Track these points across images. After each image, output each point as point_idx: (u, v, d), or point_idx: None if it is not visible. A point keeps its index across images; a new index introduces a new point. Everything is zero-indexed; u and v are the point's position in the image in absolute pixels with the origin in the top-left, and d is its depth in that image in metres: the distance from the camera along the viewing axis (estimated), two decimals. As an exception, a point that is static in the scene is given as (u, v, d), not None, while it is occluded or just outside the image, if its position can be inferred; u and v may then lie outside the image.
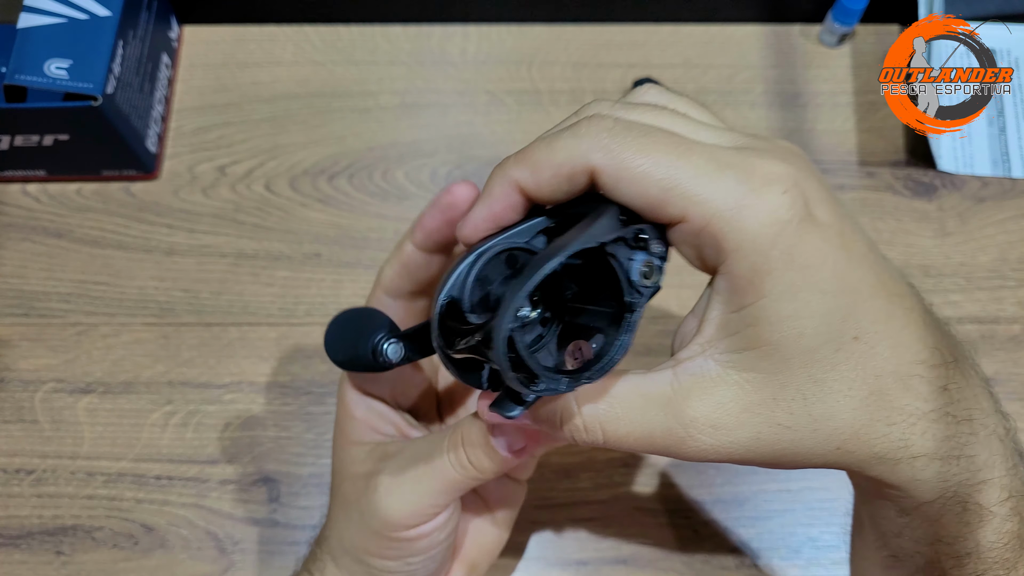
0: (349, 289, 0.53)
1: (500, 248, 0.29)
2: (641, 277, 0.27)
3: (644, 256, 0.27)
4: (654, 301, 0.52)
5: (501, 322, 0.26)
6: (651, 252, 0.27)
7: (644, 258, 0.27)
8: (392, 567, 0.34)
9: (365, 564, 0.34)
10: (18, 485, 0.49)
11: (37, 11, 0.51)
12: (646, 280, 0.27)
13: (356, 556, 0.35)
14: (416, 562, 0.34)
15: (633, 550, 0.47)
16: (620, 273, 0.27)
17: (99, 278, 0.54)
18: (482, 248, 0.29)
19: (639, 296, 0.27)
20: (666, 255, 0.28)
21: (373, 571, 0.35)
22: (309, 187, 0.56)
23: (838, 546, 0.47)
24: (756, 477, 0.49)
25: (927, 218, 0.55)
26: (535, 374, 0.27)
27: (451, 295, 0.28)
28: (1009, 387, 0.50)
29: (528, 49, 0.60)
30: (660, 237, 0.28)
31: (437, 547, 0.34)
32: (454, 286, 0.29)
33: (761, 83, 0.59)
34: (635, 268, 0.27)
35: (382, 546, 0.34)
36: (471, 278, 0.29)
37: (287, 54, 0.60)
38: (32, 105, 0.50)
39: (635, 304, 0.27)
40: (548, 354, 0.30)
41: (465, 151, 0.57)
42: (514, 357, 0.26)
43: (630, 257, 0.27)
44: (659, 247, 0.28)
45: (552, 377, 0.27)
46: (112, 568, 0.47)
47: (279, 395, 0.51)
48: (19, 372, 0.51)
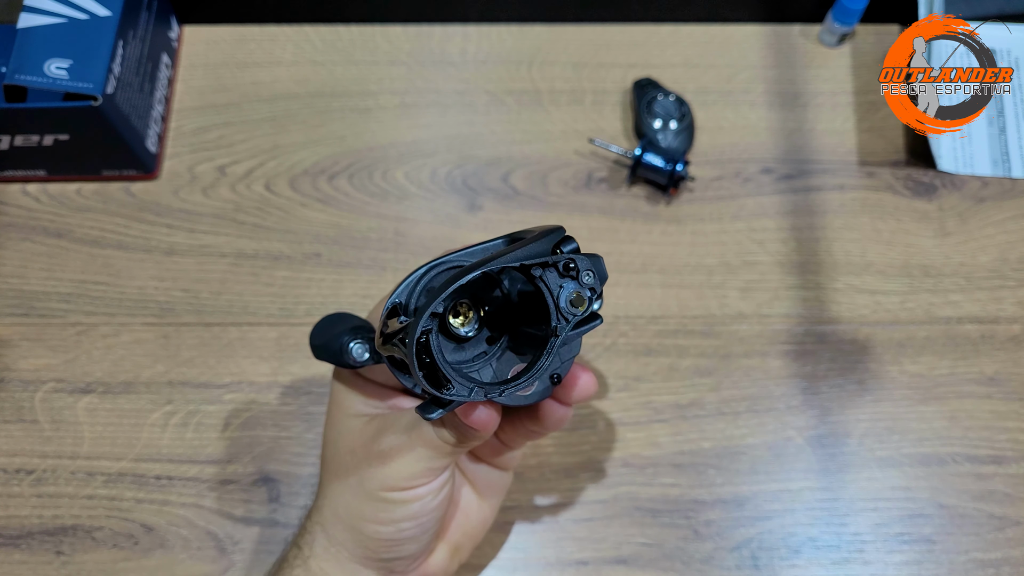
0: (349, 289, 0.53)
1: (452, 264, 0.32)
2: (568, 304, 0.30)
3: (574, 285, 0.30)
4: (654, 300, 0.53)
5: (414, 323, 0.28)
6: (582, 283, 0.30)
7: (574, 287, 0.30)
8: (384, 532, 0.36)
9: (357, 531, 0.36)
10: (18, 485, 0.49)
11: (37, 11, 0.51)
12: (574, 308, 0.30)
13: (349, 523, 0.36)
14: (407, 528, 0.36)
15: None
16: (548, 297, 0.30)
17: (99, 278, 0.54)
18: (435, 261, 0.32)
19: (564, 323, 0.30)
20: (597, 289, 0.30)
21: (364, 538, 0.36)
22: (309, 187, 0.56)
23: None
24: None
25: (927, 218, 0.55)
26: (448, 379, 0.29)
27: (397, 300, 0.31)
28: (1009, 387, 0.51)
29: (528, 49, 0.60)
30: (595, 271, 0.30)
31: (428, 515, 0.36)
32: (402, 292, 0.32)
33: (761, 83, 0.59)
34: (563, 295, 0.30)
35: (378, 509, 0.35)
36: (419, 287, 0.32)
37: (287, 54, 0.60)
38: (32, 105, 0.50)
39: (559, 329, 0.30)
40: (490, 369, 0.32)
41: (465, 151, 0.57)
42: (429, 361, 0.29)
43: (561, 284, 0.30)
44: (591, 279, 0.30)
45: (463, 384, 0.30)
46: (112, 568, 0.47)
47: (279, 395, 0.51)
48: (19, 372, 0.51)
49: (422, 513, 0.36)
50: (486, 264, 0.29)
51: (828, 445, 0.49)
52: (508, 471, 0.42)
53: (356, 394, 0.38)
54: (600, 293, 0.31)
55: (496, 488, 0.42)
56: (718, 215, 0.55)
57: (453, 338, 0.32)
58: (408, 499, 0.35)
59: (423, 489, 0.35)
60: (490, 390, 0.30)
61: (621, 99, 0.59)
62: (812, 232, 0.55)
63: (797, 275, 0.54)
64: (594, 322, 0.32)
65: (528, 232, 0.32)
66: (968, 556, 0.47)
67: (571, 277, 0.30)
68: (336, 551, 0.37)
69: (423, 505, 0.35)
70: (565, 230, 0.31)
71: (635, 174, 0.55)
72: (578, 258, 0.30)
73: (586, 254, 0.31)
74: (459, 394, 0.30)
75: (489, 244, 0.33)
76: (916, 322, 0.52)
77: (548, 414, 0.36)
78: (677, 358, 0.51)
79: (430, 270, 0.32)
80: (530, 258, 0.29)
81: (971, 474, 0.49)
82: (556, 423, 0.36)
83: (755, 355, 0.51)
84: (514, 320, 0.33)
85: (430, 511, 0.36)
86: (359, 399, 0.37)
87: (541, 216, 0.55)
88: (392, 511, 0.35)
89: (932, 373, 0.51)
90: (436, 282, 0.32)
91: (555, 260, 0.29)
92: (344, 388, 0.38)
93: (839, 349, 0.52)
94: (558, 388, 0.35)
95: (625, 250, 0.54)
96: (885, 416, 0.50)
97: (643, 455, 0.49)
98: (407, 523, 0.36)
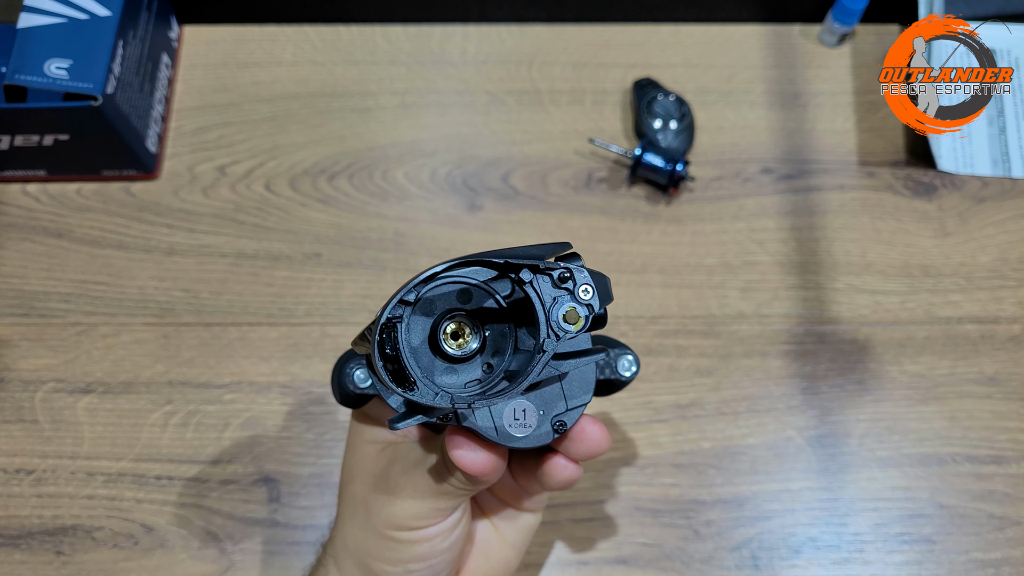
0: (349, 289, 0.53)
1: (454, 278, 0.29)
2: (560, 319, 0.27)
3: (570, 300, 0.27)
4: (654, 300, 0.53)
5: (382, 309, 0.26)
6: (579, 298, 0.27)
7: (570, 303, 0.27)
8: (391, 572, 0.34)
9: (366, 568, 0.34)
10: (18, 485, 0.49)
11: (37, 11, 0.51)
12: (566, 324, 0.27)
13: (359, 558, 0.34)
14: (416, 569, 0.34)
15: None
16: (538, 308, 0.27)
17: (99, 278, 0.54)
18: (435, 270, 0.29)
19: (554, 339, 0.27)
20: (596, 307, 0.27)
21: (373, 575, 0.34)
22: (309, 187, 0.56)
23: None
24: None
25: (927, 218, 0.55)
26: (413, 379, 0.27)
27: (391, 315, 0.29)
28: (1009, 387, 0.50)
29: (528, 49, 0.60)
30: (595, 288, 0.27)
31: (438, 556, 0.34)
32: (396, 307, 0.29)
33: (761, 83, 0.59)
34: (556, 309, 0.27)
35: (384, 548, 0.34)
36: None
37: (287, 54, 0.60)
38: (32, 105, 0.50)
39: (547, 344, 0.27)
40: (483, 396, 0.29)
41: (465, 151, 0.57)
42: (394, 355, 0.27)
43: (555, 297, 0.27)
44: (590, 296, 0.27)
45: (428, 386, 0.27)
46: (112, 568, 0.47)
47: (279, 395, 0.51)
48: (19, 372, 0.51)
49: (431, 555, 0.34)
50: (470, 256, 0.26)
51: (828, 445, 0.49)
52: (535, 513, 0.39)
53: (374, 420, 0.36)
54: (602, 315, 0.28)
55: (519, 529, 0.39)
56: (718, 215, 0.55)
57: (445, 357, 0.29)
58: (416, 539, 0.33)
59: (432, 530, 0.33)
60: (458, 399, 0.27)
61: (621, 99, 0.59)
62: (812, 232, 0.55)
63: (797, 275, 0.54)
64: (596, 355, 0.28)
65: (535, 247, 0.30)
66: (968, 556, 0.47)
67: (567, 290, 0.27)
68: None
69: (432, 547, 0.33)
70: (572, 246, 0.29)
71: (635, 174, 0.55)
72: (576, 269, 0.27)
73: (590, 270, 0.28)
74: (423, 396, 0.27)
75: None
76: (916, 322, 0.52)
77: (552, 473, 0.32)
78: (677, 358, 0.51)
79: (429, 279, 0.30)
80: (521, 258, 0.27)
81: (971, 474, 0.49)
82: (559, 481, 0.33)
83: (755, 355, 0.51)
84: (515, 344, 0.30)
85: (440, 553, 0.34)
86: (377, 425, 0.36)
87: (541, 216, 0.55)
88: (399, 551, 0.33)
89: (932, 373, 0.51)
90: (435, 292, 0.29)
91: (549, 266, 0.27)
92: (363, 412, 0.36)
93: (839, 349, 0.52)
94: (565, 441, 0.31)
95: (625, 250, 0.54)
96: (885, 416, 0.50)
97: (643, 455, 0.49)
98: (415, 564, 0.34)
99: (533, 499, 0.38)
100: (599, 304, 0.27)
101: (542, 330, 0.27)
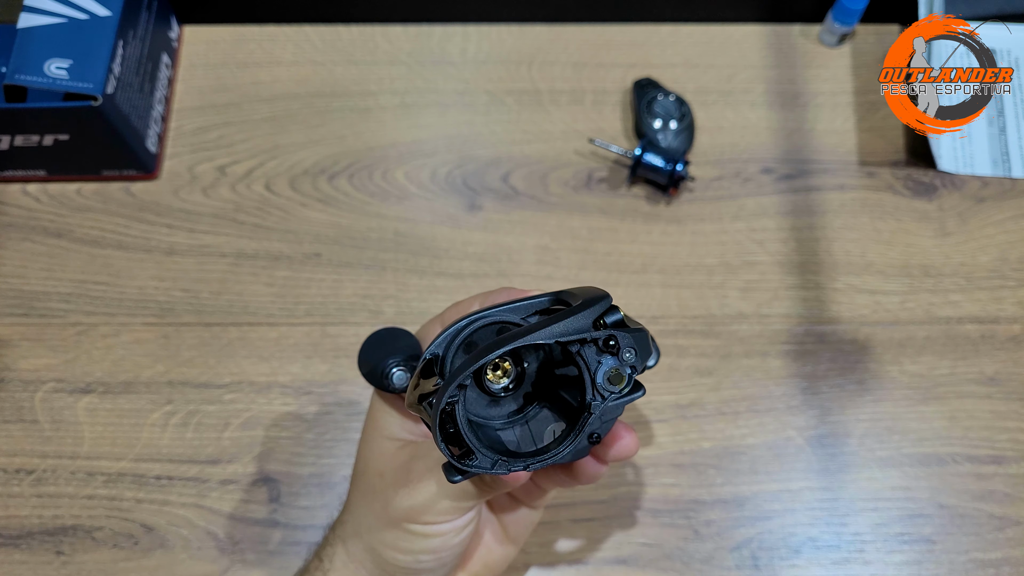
0: (349, 289, 0.53)
1: (493, 319, 0.31)
2: (606, 380, 0.28)
3: (613, 362, 0.29)
4: (654, 300, 0.53)
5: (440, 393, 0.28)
6: (622, 359, 0.29)
7: (612, 363, 0.29)
8: (401, 560, 0.35)
9: (376, 553, 0.35)
10: (18, 485, 0.49)
11: (37, 11, 0.51)
12: (611, 385, 0.29)
13: (369, 544, 0.36)
14: (425, 560, 0.35)
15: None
16: (584, 373, 0.28)
17: (99, 278, 0.54)
18: (477, 315, 0.31)
19: (600, 400, 0.29)
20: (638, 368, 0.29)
21: (382, 561, 0.36)
22: (309, 187, 0.56)
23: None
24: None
25: (927, 218, 0.55)
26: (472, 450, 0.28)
27: (435, 352, 0.30)
28: (1009, 387, 0.50)
29: (528, 49, 0.60)
30: (637, 348, 0.29)
31: (448, 550, 0.35)
32: (440, 344, 0.30)
33: (761, 83, 0.59)
34: (601, 371, 0.28)
35: (398, 538, 0.35)
36: (458, 340, 0.31)
37: (287, 54, 0.60)
38: (32, 105, 0.50)
39: (594, 407, 0.29)
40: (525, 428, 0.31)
41: (465, 151, 0.57)
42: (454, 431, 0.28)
43: (599, 360, 0.28)
44: (631, 357, 0.29)
45: (487, 455, 0.29)
46: (112, 568, 0.47)
47: (279, 395, 0.51)
48: (19, 372, 0.51)
49: (442, 548, 0.35)
50: (520, 338, 0.28)
51: (828, 445, 0.49)
52: (537, 509, 0.40)
53: (395, 416, 0.37)
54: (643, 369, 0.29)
55: (522, 525, 0.40)
56: (718, 215, 0.55)
57: (488, 393, 0.31)
58: (430, 533, 0.34)
59: (446, 526, 0.34)
60: (513, 464, 0.29)
61: (621, 99, 0.59)
62: (812, 232, 0.55)
63: (797, 275, 0.54)
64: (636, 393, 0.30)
65: (575, 295, 0.31)
66: (968, 556, 0.47)
67: (611, 353, 0.28)
68: (355, 568, 0.36)
69: (444, 541, 0.35)
70: (611, 299, 0.30)
71: (635, 174, 0.55)
72: (620, 334, 0.28)
73: (630, 328, 0.29)
74: (481, 465, 0.29)
75: (535, 301, 0.31)
76: (916, 322, 0.52)
77: (582, 470, 0.35)
78: (677, 358, 0.51)
79: (471, 323, 0.31)
80: (569, 334, 0.28)
81: (971, 474, 0.49)
82: (589, 478, 0.35)
83: (755, 355, 0.51)
84: (554, 380, 0.32)
85: (450, 547, 0.35)
86: (397, 421, 0.37)
87: (541, 216, 0.55)
88: (412, 542, 0.35)
89: (932, 373, 0.51)
90: (476, 337, 0.31)
91: (595, 336, 0.28)
92: (383, 407, 0.37)
93: (839, 349, 0.52)
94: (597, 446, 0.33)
95: (625, 250, 0.54)
96: (885, 416, 0.50)
97: (643, 455, 0.49)
98: (425, 556, 0.35)
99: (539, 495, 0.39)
100: (641, 364, 0.29)
101: (588, 393, 0.29)
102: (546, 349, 0.31)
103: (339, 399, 0.50)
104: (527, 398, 0.32)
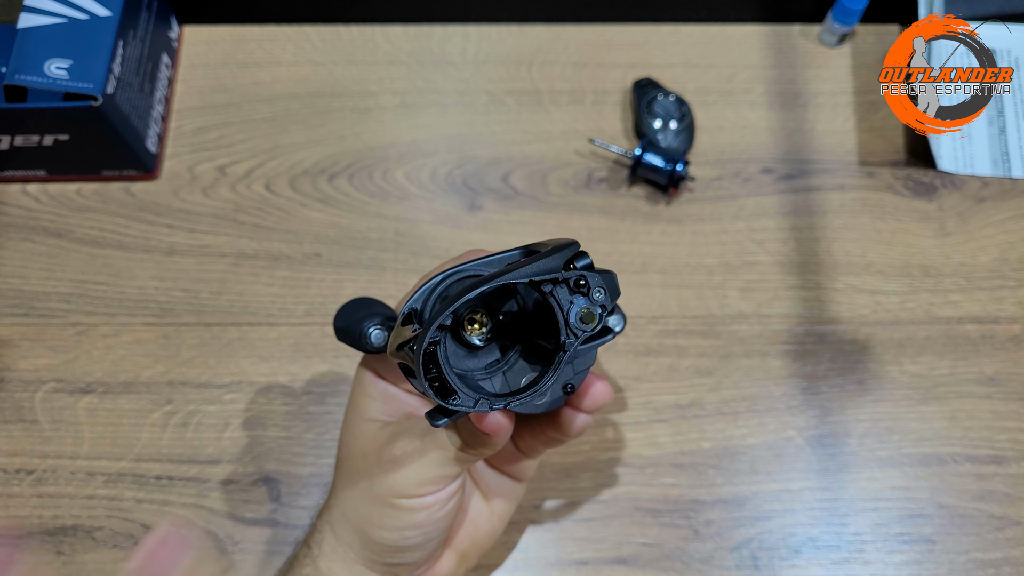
0: (349, 289, 0.53)
1: (468, 272, 0.32)
2: (578, 320, 0.30)
3: (584, 302, 0.30)
4: (654, 300, 0.53)
5: (422, 334, 0.29)
6: (592, 299, 0.30)
7: (584, 303, 0.30)
8: (388, 538, 0.36)
9: (363, 534, 0.36)
10: (18, 485, 0.49)
11: (37, 11, 0.51)
12: (583, 324, 0.30)
13: (357, 525, 0.36)
14: (412, 536, 0.36)
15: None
16: (558, 313, 0.30)
17: (99, 278, 0.54)
18: (452, 270, 0.32)
19: (573, 338, 0.30)
20: (608, 305, 0.30)
21: (369, 541, 0.36)
22: (309, 187, 0.56)
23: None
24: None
25: (927, 218, 0.55)
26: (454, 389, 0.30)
27: (413, 306, 0.31)
28: (1009, 387, 0.50)
29: (528, 49, 0.60)
30: (606, 288, 0.30)
31: (433, 525, 0.36)
32: (418, 299, 0.32)
33: (761, 83, 0.59)
34: (573, 311, 0.30)
35: (384, 515, 0.35)
36: (435, 294, 0.32)
37: (287, 54, 0.60)
38: (32, 105, 0.50)
39: (567, 345, 0.30)
40: (501, 378, 0.32)
41: (465, 151, 0.57)
42: (436, 371, 0.29)
43: (571, 300, 0.30)
44: (602, 296, 0.30)
45: (468, 394, 0.30)
46: (112, 568, 0.47)
47: (279, 395, 0.51)
48: (19, 372, 0.51)
49: (428, 523, 0.36)
50: (496, 279, 0.29)
51: (828, 445, 0.49)
52: (521, 482, 0.42)
53: (375, 400, 0.38)
54: (612, 309, 0.30)
55: (508, 498, 0.41)
56: (718, 215, 0.55)
57: (466, 345, 0.32)
58: (415, 507, 0.35)
59: (431, 498, 0.35)
60: (495, 401, 0.30)
61: (621, 99, 0.59)
62: (812, 232, 0.55)
63: (797, 275, 0.54)
64: (606, 336, 0.32)
65: (544, 245, 0.33)
66: (968, 556, 0.47)
67: (582, 293, 0.30)
68: (344, 551, 0.37)
69: (429, 515, 0.36)
70: (580, 245, 0.32)
71: (635, 174, 0.55)
72: (589, 275, 0.30)
73: (599, 270, 0.31)
74: (464, 404, 0.30)
75: (506, 255, 0.33)
76: (916, 322, 0.52)
77: (568, 421, 0.36)
78: (677, 358, 0.51)
79: (447, 278, 0.32)
80: (541, 274, 0.29)
81: (971, 474, 0.49)
82: (577, 430, 0.36)
83: (755, 355, 0.51)
84: (528, 330, 0.33)
85: (435, 521, 0.36)
86: (377, 405, 0.38)
87: (541, 216, 0.55)
88: (398, 518, 0.35)
89: (932, 373, 0.51)
90: (452, 290, 0.32)
91: (566, 276, 0.30)
92: (364, 392, 0.38)
93: (839, 349, 0.52)
94: (573, 396, 0.35)
95: (625, 250, 0.54)
96: (885, 416, 0.50)
97: (643, 455, 0.49)
98: (412, 531, 0.36)
99: (524, 465, 0.40)
100: (610, 302, 0.30)
101: (562, 332, 0.30)
102: (520, 301, 0.33)
103: (339, 399, 0.50)
104: (503, 350, 0.33)
